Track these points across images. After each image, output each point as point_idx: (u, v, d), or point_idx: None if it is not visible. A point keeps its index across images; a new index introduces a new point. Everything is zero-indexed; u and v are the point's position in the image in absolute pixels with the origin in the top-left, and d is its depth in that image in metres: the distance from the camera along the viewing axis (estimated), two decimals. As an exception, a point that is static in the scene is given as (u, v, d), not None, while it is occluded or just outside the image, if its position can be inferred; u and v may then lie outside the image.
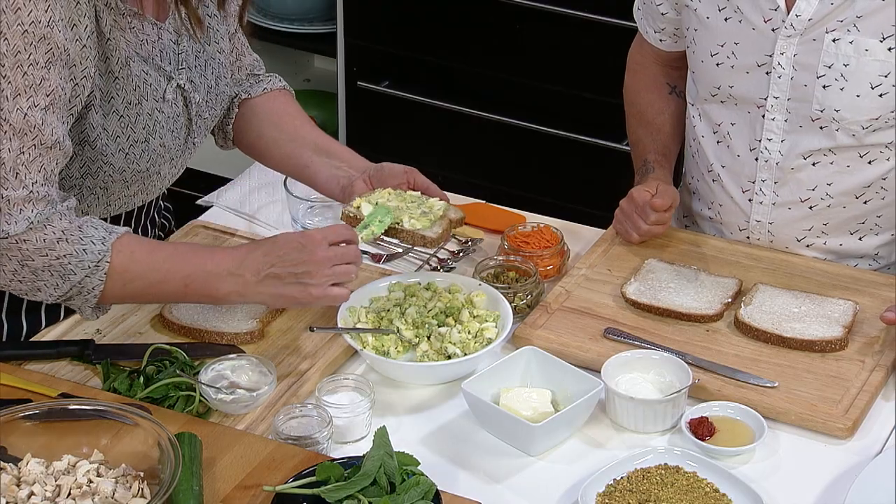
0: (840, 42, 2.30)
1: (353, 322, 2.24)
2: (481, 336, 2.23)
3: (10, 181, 2.03)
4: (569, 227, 2.56)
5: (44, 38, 2.00)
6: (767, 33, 2.35)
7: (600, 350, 2.22)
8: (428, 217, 2.28)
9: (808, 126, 2.38)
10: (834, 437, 2.09)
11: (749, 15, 2.36)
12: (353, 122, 4.08)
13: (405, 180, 2.35)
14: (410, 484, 1.87)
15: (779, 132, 2.40)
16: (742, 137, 2.45)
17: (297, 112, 2.49)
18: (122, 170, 2.19)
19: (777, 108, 2.38)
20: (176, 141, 2.26)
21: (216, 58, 2.32)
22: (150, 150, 2.21)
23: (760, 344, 2.25)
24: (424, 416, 2.14)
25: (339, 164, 2.41)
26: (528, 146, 3.83)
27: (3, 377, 2.12)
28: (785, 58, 2.34)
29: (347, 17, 3.93)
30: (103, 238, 2.09)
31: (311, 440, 2.01)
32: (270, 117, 2.47)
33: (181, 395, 2.10)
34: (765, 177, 2.44)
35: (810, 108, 2.36)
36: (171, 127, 2.24)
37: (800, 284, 2.38)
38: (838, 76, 2.31)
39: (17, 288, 2.10)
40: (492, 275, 2.38)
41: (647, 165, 2.55)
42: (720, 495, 1.95)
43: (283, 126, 2.46)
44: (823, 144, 2.38)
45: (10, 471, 1.86)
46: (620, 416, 2.11)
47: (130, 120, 2.16)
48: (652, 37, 2.59)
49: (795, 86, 2.35)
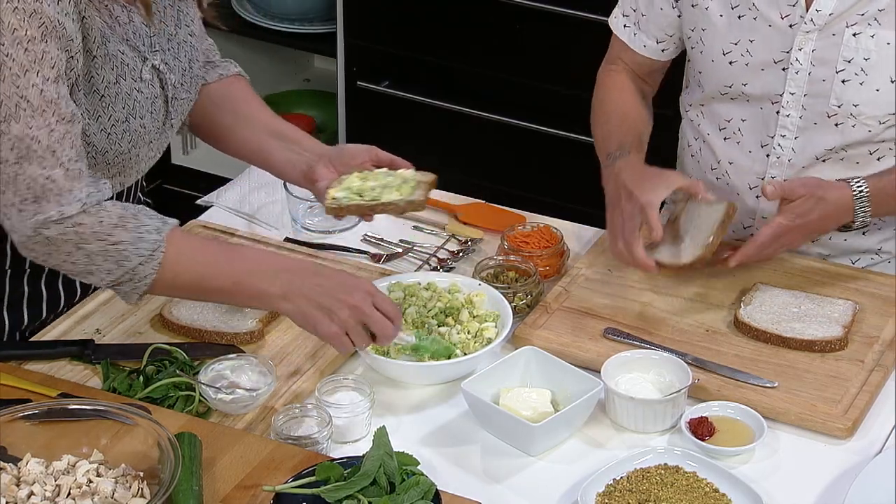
0: (861, 36, 2.29)
1: None
2: (481, 336, 2.23)
3: (48, 160, 2.02)
4: (569, 227, 2.56)
5: (35, 13, 1.99)
6: (785, 29, 2.34)
7: (600, 350, 2.22)
8: (407, 186, 2.27)
9: (823, 122, 2.38)
10: (834, 437, 2.09)
11: (766, 12, 2.35)
12: (353, 122, 4.08)
13: (367, 159, 2.35)
14: (410, 484, 1.87)
15: (793, 129, 2.40)
16: (754, 134, 2.45)
17: (251, 97, 2.48)
18: (105, 150, 2.18)
19: (793, 104, 2.38)
20: (155, 123, 2.25)
21: (188, 41, 2.31)
22: (130, 131, 2.20)
23: (760, 344, 2.25)
24: (424, 416, 2.14)
25: (296, 148, 2.41)
26: (528, 146, 3.83)
27: (3, 377, 2.12)
28: (803, 53, 2.33)
29: (347, 17, 3.93)
30: (158, 228, 2.10)
31: (310, 440, 2.01)
32: (226, 103, 2.45)
33: (181, 395, 2.10)
34: (775, 173, 2.44)
35: (827, 104, 2.35)
36: (149, 108, 2.23)
37: (800, 284, 2.38)
38: (858, 70, 2.31)
39: (69, 269, 2.10)
40: (492, 275, 2.38)
41: (623, 148, 2.44)
42: (720, 495, 1.95)
43: (238, 111, 2.45)
44: (837, 142, 2.38)
45: (10, 471, 1.86)
46: (620, 416, 2.11)
47: (111, 100, 2.16)
48: (651, 49, 2.55)
49: (813, 81, 2.35)
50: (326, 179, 2.33)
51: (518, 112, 3.79)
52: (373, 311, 2.10)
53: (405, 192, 2.26)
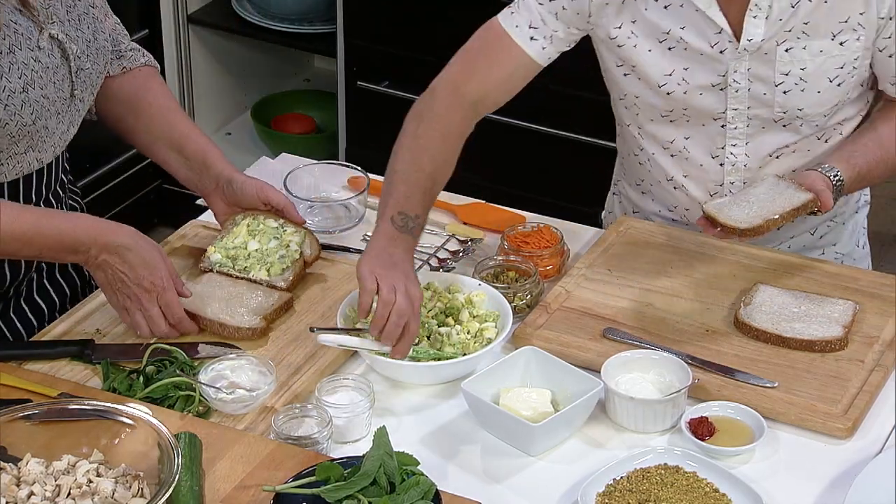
0: (793, 50, 2.30)
1: (354, 320, 2.23)
2: (481, 336, 2.23)
3: None
4: (569, 227, 2.56)
5: None
6: (717, 56, 2.33)
7: (600, 350, 2.22)
8: (284, 261, 2.34)
9: (771, 127, 2.40)
10: (834, 437, 2.09)
11: (694, 43, 2.33)
12: (353, 122, 4.08)
13: (258, 200, 2.39)
14: (410, 484, 1.87)
15: (742, 137, 2.41)
16: (701, 148, 2.45)
17: (156, 97, 2.44)
18: (6, 122, 2.16)
19: (738, 117, 2.39)
20: (60, 94, 2.23)
21: (89, 12, 2.30)
22: (31, 101, 2.18)
23: (760, 344, 2.25)
24: (424, 416, 2.14)
25: (196, 167, 2.41)
26: (528, 146, 3.83)
27: (3, 377, 2.12)
28: (739, 74, 2.33)
29: (347, 17, 3.93)
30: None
31: (310, 440, 2.01)
32: (130, 102, 2.43)
33: (181, 395, 2.10)
34: (733, 179, 2.46)
35: (772, 112, 2.37)
36: (51, 78, 2.21)
37: (800, 284, 2.38)
38: (797, 80, 2.33)
39: None
40: (492, 275, 2.38)
41: (417, 222, 2.25)
42: (720, 495, 1.95)
43: (140, 114, 2.43)
44: (788, 140, 2.41)
45: (10, 471, 1.86)
46: (620, 416, 2.11)
47: (4, 70, 2.14)
48: (542, 52, 2.38)
49: (754, 97, 2.36)
50: (222, 214, 2.41)
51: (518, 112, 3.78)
52: (154, 305, 2.22)
53: (275, 270, 2.34)
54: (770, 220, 2.25)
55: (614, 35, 2.37)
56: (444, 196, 2.64)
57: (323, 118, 4.34)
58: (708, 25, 2.31)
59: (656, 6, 2.32)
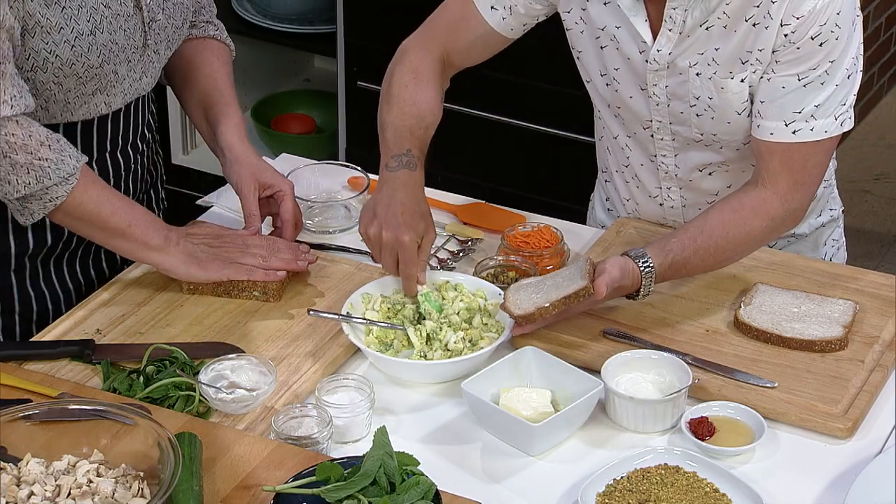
0: (702, 76, 2.28)
1: (364, 308, 2.24)
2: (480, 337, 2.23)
3: None
4: (569, 227, 2.56)
5: None
6: (641, 64, 2.32)
7: (600, 350, 2.22)
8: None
9: (695, 145, 2.39)
10: (834, 437, 2.09)
11: (625, 46, 2.32)
12: (353, 122, 4.08)
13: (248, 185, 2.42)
14: (410, 484, 1.87)
15: (670, 149, 2.41)
16: (640, 150, 2.46)
17: (206, 64, 2.51)
18: (72, 62, 2.20)
19: (663, 129, 2.39)
20: (130, 42, 2.27)
21: None
22: (98, 45, 2.22)
23: (760, 344, 2.25)
24: (424, 416, 2.14)
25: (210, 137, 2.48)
26: (529, 146, 3.83)
27: (3, 377, 2.12)
28: (658, 88, 2.33)
29: (347, 17, 3.93)
30: (77, 157, 2.21)
31: (310, 440, 2.01)
32: (182, 67, 2.50)
33: (181, 395, 2.10)
34: (669, 185, 2.47)
35: (691, 132, 2.37)
36: (121, 24, 2.25)
37: (800, 284, 2.38)
38: (706, 107, 2.31)
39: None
40: (492, 275, 2.38)
41: (410, 156, 2.33)
42: (720, 495, 1.95)
43: (188, 79, 2.51)
44: (714, 159, 2.40)
45: (10, 471, 1.86)
46: (620, 416, 2.11)
47: (73, 12, 2.18)
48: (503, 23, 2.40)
49: (673, 113, 2.35)
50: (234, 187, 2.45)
51: (518, 112, 3.79)
52: (259, 239, 2.36)
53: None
54: (541, 308, 2.17)
55: (564, 18, 2.39)
56: (444, 196, 2.64)
57: (323, 118, 4.34)
58: (636, 32, 2.30)
59: (597, 1, 2.32)
